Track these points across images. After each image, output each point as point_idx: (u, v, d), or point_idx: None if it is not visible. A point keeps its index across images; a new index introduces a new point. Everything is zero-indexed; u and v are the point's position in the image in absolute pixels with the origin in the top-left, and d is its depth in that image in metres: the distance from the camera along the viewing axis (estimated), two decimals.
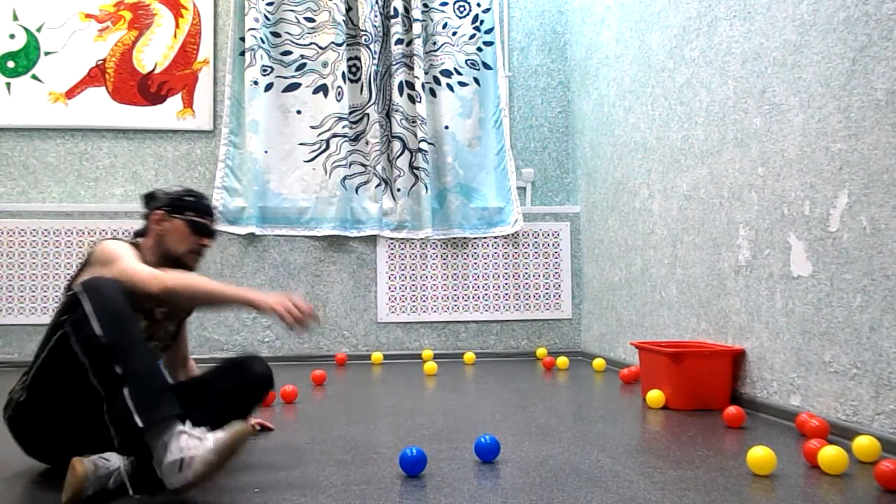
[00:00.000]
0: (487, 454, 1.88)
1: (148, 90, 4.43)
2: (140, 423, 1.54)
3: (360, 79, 4.49)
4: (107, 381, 1.59)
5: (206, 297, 1.82)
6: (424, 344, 4.43)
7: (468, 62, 4.58)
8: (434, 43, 4.57)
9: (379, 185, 4.46)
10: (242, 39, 4.44)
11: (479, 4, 4.61)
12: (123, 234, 4.26)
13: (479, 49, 4.60)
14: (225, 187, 4.38)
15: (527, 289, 4.52)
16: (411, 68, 4.49)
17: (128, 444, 1.58)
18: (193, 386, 1.97)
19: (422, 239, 4.45)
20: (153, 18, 4.46)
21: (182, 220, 2.02)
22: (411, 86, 4.49)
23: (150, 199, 2.08)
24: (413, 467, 1.74)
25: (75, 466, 1.54)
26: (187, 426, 1.59)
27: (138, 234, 2.07)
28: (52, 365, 1.73)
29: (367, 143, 4.47)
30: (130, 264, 1.81)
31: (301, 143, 4.44)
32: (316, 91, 4.48)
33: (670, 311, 3.25)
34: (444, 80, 4.55)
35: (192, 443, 1.55)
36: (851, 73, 2.08)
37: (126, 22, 4.44)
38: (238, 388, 1.92)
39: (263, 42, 4.41)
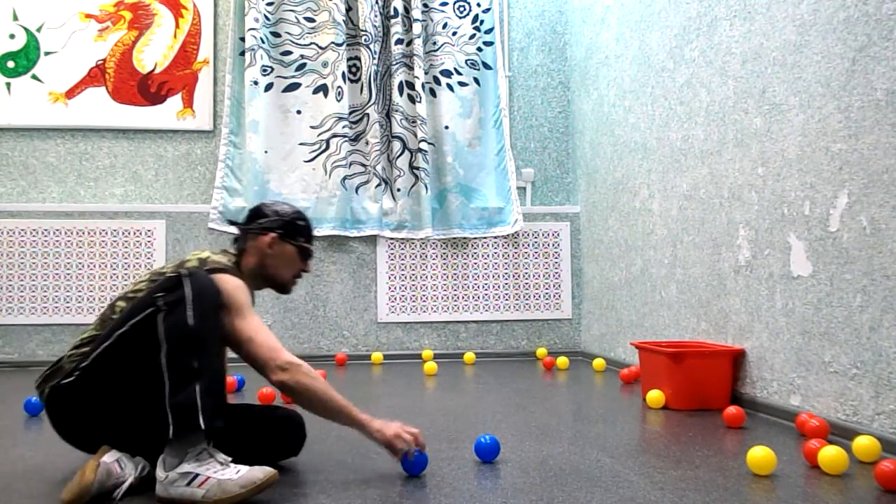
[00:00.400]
0: (487, 454, 1.88)
1: (148, 90, 4.44)
2: (202, 425, 1.54)
3: (360, 79, 4.49)
4: (179, 369, 1.57)
5: (325, 410, 1.77)
6: (424, 344, 4.43)
7: (468, 62, 4.58)
8: (434, 43, 4.57)
9: (379, 185, 4.46)
10: (242, 39, 4.44)
11: (479, 4, 4.61)
12: (123, 234, 4.26)
13: (479, 49, 4.60)
14: (225, 187, 4.38)
15: (527, 289, 4.52)
16: (411, 68, 4.49)
17: (182, 434, 1.55)
18: (233, 411, 1.90)
19: (422, 239, 4.45)
20: (153, 18, 4.47)
21: (294, 245, 1.97)
22: (411, 86, 4.49)
23: (258, 215, 1.98)
24: (414, 467, 1.74)
25: (86, 472, 1.53)
26: (207, 451, 1.58)
27: (238, 247, 1.99)
28: (129, 339, 1.65)
29: (367, 143, 4.47)
30: (261, 331, 1.75)
31: (301, 143, 4.44)
32: (316, 91, 4.48)
33: (670, 311, 3.25)
34: (444, 80, 4.55)
35: (214, 466, 1.54)
36: (851, 73, 2.08)
37: (126, 22, 4.45)
38: (275, 441, 1.89)
39: (263, 42, 4.41)
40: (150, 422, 1.59)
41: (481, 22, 4.61)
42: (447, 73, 4.55)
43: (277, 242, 1.95)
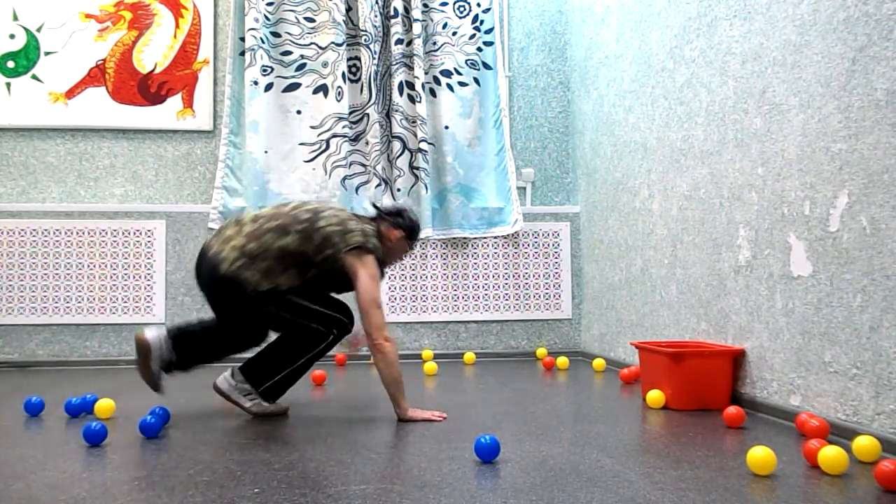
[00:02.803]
0: (487, 454, 1.88)
1: (148, 90, 4.44)
2: (278, 398, 2.59)
3: (360, 79, 4.49)
4: (294, 361, 2.51)
5: (386, 379, 2.39)
6: (424, 344, 4.43)
7: (468, 62, 4.58)
8: (434, 43, 4.57)
9: (379, 185, 4.46)
10: (242, 39, 4.44)
11: (479, 4, 4.61)
12: (123, 234, 4.27)
13: (479, 49, 4.60)
14: (225, 187, 4.38)
15: (527, 289, 4.52)
16: (411, 68, 4.49)
17: (269, 392, 2.54)
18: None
19: (422, 239, 4.45)
20: (153, 18, 4.47)
21: (409, 243, 2.66)
22: (411, 86, 4.49)
23: (399, 215, 2.63)
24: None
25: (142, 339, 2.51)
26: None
27: (378, 232, 2.57)
28: (306, 326, 2.47)
29: (367, 143, 4.47)
30: (375, 293, 2.42)
31: (301, 144, 4.44)
32: (316, 91, 4.48)
33: (670, 311, 3.25)
34: (444, 80, 4.55)
35: (263, 401, 2.52)
36: (851, 73, 2.08)
37: (126, 22, 4.45)
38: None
39: (263, 42, 4.41)
40: (260, 353, 2.51)
41: (481, 22, 4.61)
42: (447, 73, 4.56)
43: (401, 240, 2.63)
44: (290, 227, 2.45)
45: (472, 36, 4.60)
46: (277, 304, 2.43)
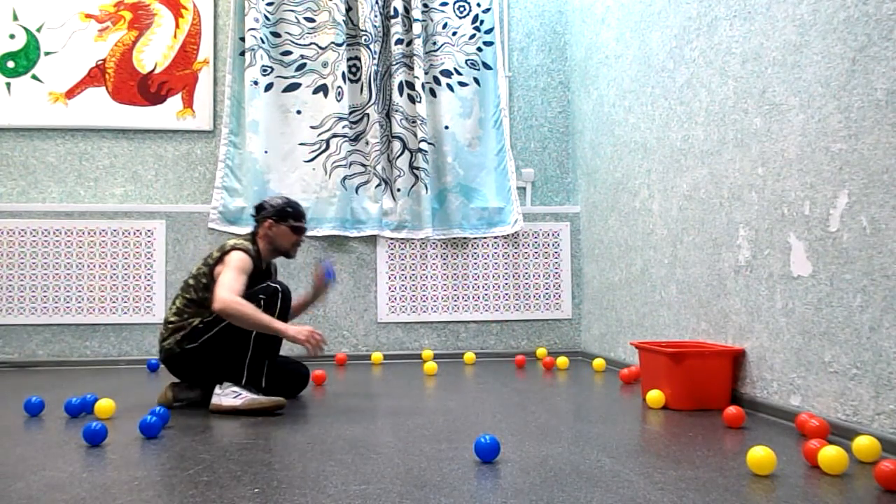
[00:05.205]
0: (487, 454, 1.88)
1: (148, 90, 4.44)
2: (263, 384, 2.68)
3: (360, 79, 4.49)
4: (261, 350, 2.64)
5: (252, 325, 2.57)
6: (424, 344, 4.44)
7: (468, 62, 4.58)
8: (434, 43, 4.57)
9: (379, 185, 4.46)
10: (242, 39, 4.44)
11: (479, 4, 4.61)
12: (123, 234, 4.27)
13: (479, 49, 4.60)
14: (225, 187, 4.38)
15: (527, 289, 4.52)
16: (411, 68, 4.49)
17: (250, 384, 2.63)
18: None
19: (422, 239, 4.45)
20: (153, 18, 4.47)
21: (286, 226, 2.85)
22: (411, 86, 4.49)
23: (260, 208, 2.87)
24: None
25: (168, 389, 2.75)
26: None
27: (254, 234, 2.88)
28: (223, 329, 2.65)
29: (367, 143, 4.47)
30: (229, 278, 2.63)
31: (301, 143, 4.44)
32: (316, 91, 4.48)
33: (670, 311, 3.25)
34: (444, 80, 4.55)
35: (251, 393, 2.61)
36: (851, 73, 2.08)
37: (126, 22, 4.45)
38: (286, 384, 2.95)
39: (263, 42, 4.41)
40: (227, 370, 2.63)
41: (481, 22, 4.61)
42: (447, 73, 4.55)
43: (273, 226, 2.84)
44: (183, 293, 2.80)
45: (472, 36, 4.60)
46: (204, 330, 2.69)
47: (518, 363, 4.09)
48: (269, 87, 4.43)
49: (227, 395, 2.59)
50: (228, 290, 2.58)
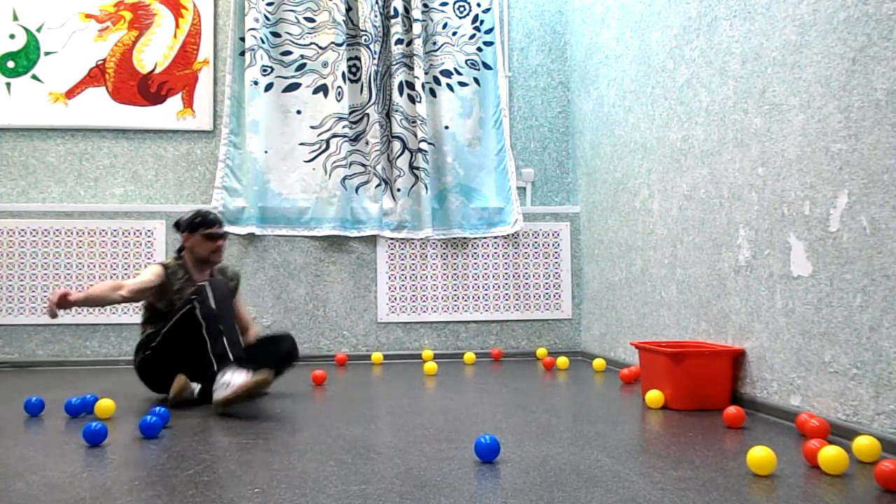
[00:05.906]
0: (487, 454, 1.88)
1: (148, 90, 4.44)
2: (231, 356, 2.65)
3: (360, 79, 4.49)
4: (214, 334, 2.69)
5: (99, 300, 2.83)
6: (424, 344, 4.44)
7: (468, 62, 4.58)
8: (434, 43, 4.57)
9: (379, 185, 4.46)
10: (242, 39, 4.44)
11: (479, 4, 4.61)
12: (123, 234, 4.27)
13: (479, 49, 4.60)
14: (225, 187, 4.38)
15: (527, 289, 4.52)
16: (411, 68, 4.49)
17: (220, 366, 2.63)
18: (246, 349, 2.87)
19: (422, 239, 4.45)
20: (153, 18, 4.47)
21: (199, 235, 3.05)
22: (411, 86, 4.49)
23: (176, 226, 3.10)
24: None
25: (179, 378, 2.75)
26: (237, 367, 2.62)
27: (179, 251, 3.11)
28: (180, 324, 2.78)
29: (367, 143, 4.47)
30: (131, 281, 2.92)
31: (301, 143, 4.44)
32: (316, 91, 4.48)
33: (670, 311, 3.25)
34: (444, 80, 4.55)
35: (237, 375, 2.57)
36: (851, 73, 2.08)
37: (126, 22, 4.45)
38: (271, 359, 2.96)
39: (263, 42, 4.41)
40: (199, 365, 2.73)
41: (481, 22, 4.61)
42: (447, 73, 4.56)
43: (189, 237, 3.06)
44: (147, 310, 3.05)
45: (472, 36, 4.60)
46: (154, 334, 2.91)
47: (494, 355, 4.36)
48: (269, 87, 4.43)
49: (220, 388, 2.59)
50: (105, 290, 2.84)
